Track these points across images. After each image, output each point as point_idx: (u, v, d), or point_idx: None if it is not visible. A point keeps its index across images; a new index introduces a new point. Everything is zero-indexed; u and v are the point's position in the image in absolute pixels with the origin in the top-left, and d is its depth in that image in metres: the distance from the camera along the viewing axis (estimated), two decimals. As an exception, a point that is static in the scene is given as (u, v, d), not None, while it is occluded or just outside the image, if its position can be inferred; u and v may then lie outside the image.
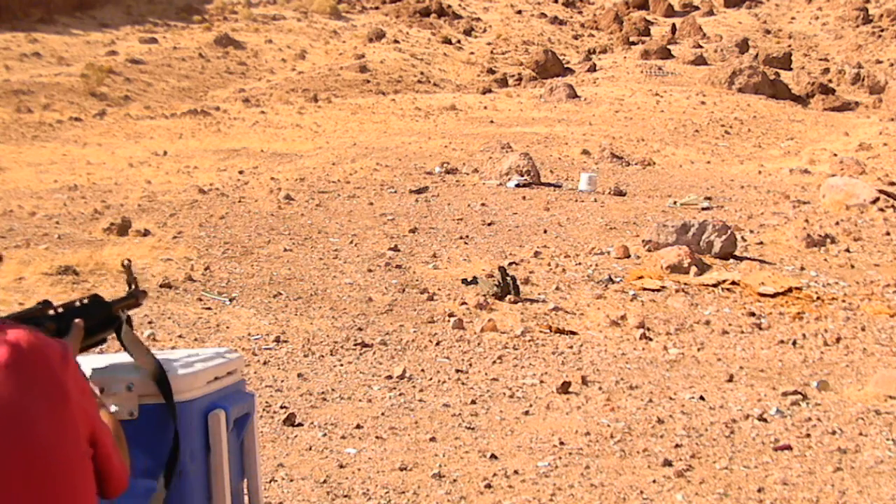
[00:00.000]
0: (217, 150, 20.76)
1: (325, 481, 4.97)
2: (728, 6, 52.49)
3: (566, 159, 20.24)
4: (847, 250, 11.98)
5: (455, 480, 5.01)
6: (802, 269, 11.13)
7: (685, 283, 10.12)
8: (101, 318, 1.79)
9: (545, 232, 12.74)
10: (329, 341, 7.81)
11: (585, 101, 30.89)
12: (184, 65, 35.73)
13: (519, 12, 51.23)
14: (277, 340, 7.74)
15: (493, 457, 5.34)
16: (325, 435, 5.66)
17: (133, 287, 1.94)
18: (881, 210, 14.09)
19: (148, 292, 2.13)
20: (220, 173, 17.23)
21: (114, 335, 1.86)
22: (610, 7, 51.23)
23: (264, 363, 7.15)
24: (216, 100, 31.50)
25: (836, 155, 21.03)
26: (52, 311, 1.68)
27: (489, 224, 13.13)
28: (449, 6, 49.79)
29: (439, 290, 9.65)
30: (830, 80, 35.31)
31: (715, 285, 10.09)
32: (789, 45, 42.61)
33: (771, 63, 37.15)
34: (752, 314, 9.16)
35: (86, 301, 1.77)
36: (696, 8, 51.89)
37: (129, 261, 2.02)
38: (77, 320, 1.69)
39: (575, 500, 4.82)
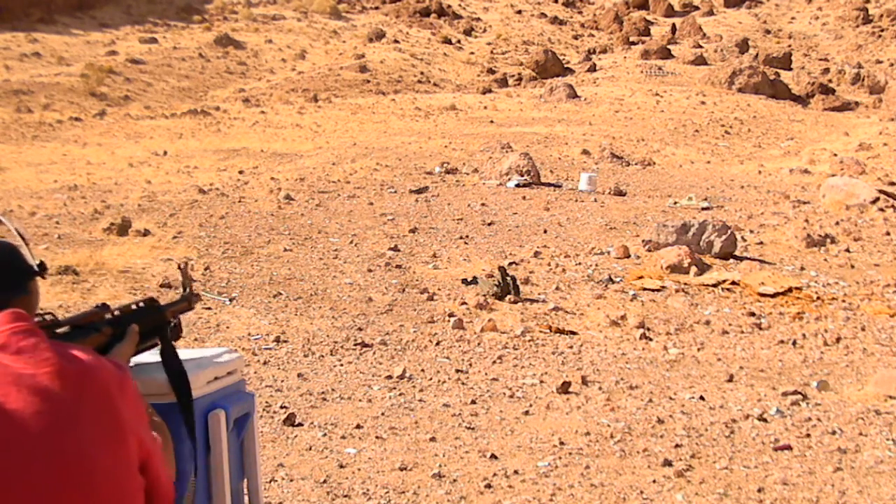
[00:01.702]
0: (217, 150, 20.76)
1: (325, 481, 4.97)
2: (728, 6, 52.50)
3: (566, 159, 20.24)
4: (847, 250, 11.98)
5: (455, 480, 5.01)
6: (802, 269, 11.13)
7: (685, 283, 10.12)
8: (155, 323, 1.80)
9: (545, 232, 12.74)
10: (329, 341, 7.81)
11: (585, 101, 30.89)
12: (184, 65, 35.73)
13: (519, 12, 51.23)
14: (277, 340, 7.74)
15: (493, 457, 5.34)
16: (325, 435, 5.66)
17: (187, 291, 1.95)
18: (881, 210, 14.09)
19: (200, 296, 2.15)
20: (220, 173, 17.23)
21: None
22: (610, 7, 51.23)
23: (264, 363, 7.15)
24: (216, 100, 31.50)
25: (836, 155, 21.03)
26: (109, 315, 1.68)
27: (489, 224, 13.13)
28: (449, 6, 49.79)
29: (439, 290, 9.66)
30: (830, 80, 35.31)
31: (715, 285, 10.09)
32: (789, 45, 42.61)
33: (771, 63, 37.14)
34: (752, 314, 9.16)
35: (142, 304, 1.79)
36: (696, 8, 51.89)
37: (187, 262, 2.03)
38: (133, 325, 1.70)
39: (575, 500, 4.82)
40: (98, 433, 1.36)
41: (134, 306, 1.77)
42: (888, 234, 12.88)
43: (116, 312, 1.71)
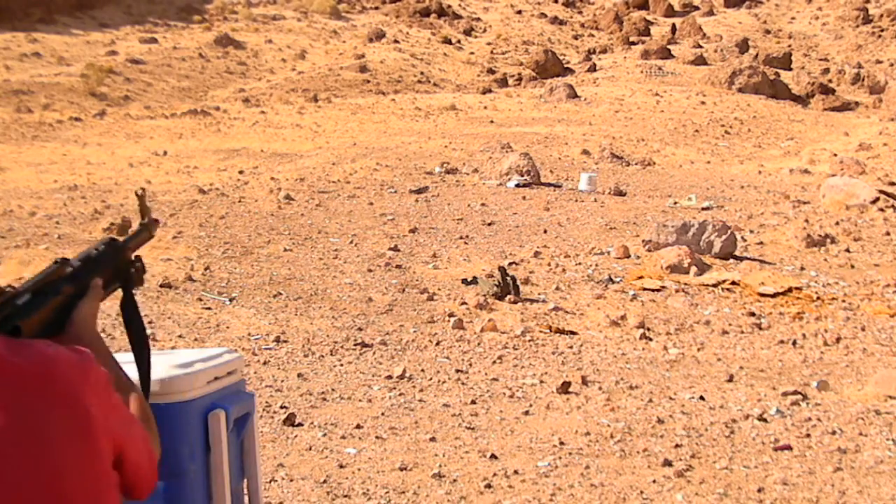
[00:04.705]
0: (217, 150, 20.75)
1: (325, 481, 4.97)
2: (728, 6, 52.47)
3: (566, 159, 20.24)
4: (847, 250, 11.98)
5: (455, 480, 5.01)
6: (802, 269, 11.13)
7: (685, 283, 10.12)
8: (118, 267, 1.66)
9: (545, 232, 12.74)
10: (329, 341, 7.81)
11: (585, 101, 30.87)
12: (184, 65, 35.72)
13: (519, 12, 51.21)
14: (277, 340, 7.74)
15: (493, 457, 5.34)
16: (325, 435, 5.66)
17: (146, 219, 1.79)
18: (881, 210, 14.09)
19: (160, 220, 1.98)
20: (220, 173, 17.23)
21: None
22: (610, 7, 51.21)
23: (264, 363, 7.15)
24: (216, 100, 31.49)
25: (836, 155, 21.02)
26: (69, 269, 1.53)
27: (489, 224, 13.13)
28: (449, 6, 49.78)
29: (439, 290, 9.66)
30: (830, 80, 35.29)
31: (715, 285, 10.09)
32: (789, 45, 42.60)
33: (771, 63, 37.12)
34: (752, 314, 9.16)
35: (102, 248, 1.63)
36: (696, 8, 51.86)
37: (144, 189, 1.85)
38: (95, 280, 1.56)
39: (575, 500, 4.82)
40: (63, 435, 1.27)
41: (94, 251, 1.61)
42: (888, 234, 12.88)
43: (77, 263, 1.56)
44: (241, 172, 17.28)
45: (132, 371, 2.10)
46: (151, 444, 1.48)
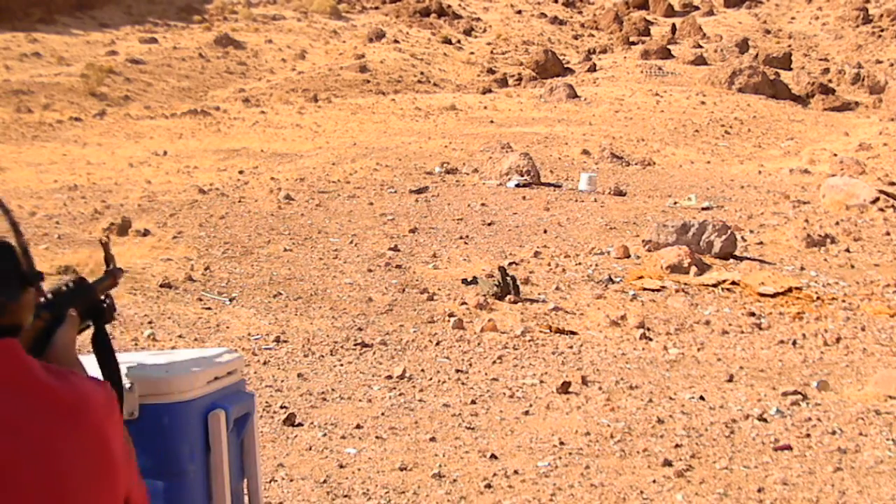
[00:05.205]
0: (217, 150, 20.75)
1: (325, 481, 4.97)
2: (728, 6, 52.46)
3: (566, 159, 20.23)
4: (847, 250, 11.98)
5: (455, 480, 5.01)
6: (802, 269, 11.13)
7: (685, 283, 10.12)
8: (88, 304, 1.71)
9: (545, 232, 12.74)
10: (329, 341, 7.81)
11: (585, 101, 30.87)
12: (184, 65, 35.72)
13: (519, 12, 51.21)
14: (277, 340, 7.74)
15: (493, 457, 5.34)
16: (325, 435, 5.66)
17: (111, 266, 1.87)
18: (881, 210, 14.09)
19: (124, 270, 2.05)
20: (220, 173, 17.23)
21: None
22: (610, 7, 51.20)
23: (264, 363, 7.15)
24: (216, 100, 31.49)
25: (836, 155, 21.02)
26: (42, 299, 1.58)
27: (489, 224, 13.13)
28: (449, 6, 49.77)
29: (439, 290, 9.66)
30: (830, 80, 35.29)
31: (715, 285, 10.09)
32: (789, 45, 42.59)
33: (771, 63, 37.11)
34: (752, 314, 9.16)
35: (72, 285, 1.69)
36: (696, 8, 51.85)
37: (108, 237, 1.95)
38: (72, 311, 1.61)
39: (575, 500, 4.82)
40: (90, 469, 1.29)
41: (65, 287, 1.67)
42: (888, 234, 12.88)
43: (49, 295, 1.61)
44: (241, 172, 17.28)
45: (134, 370, 2.11)
46: (146, 493, 1.50)
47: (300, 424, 5.83)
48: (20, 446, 1.23)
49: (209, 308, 8.60)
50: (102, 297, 1.78)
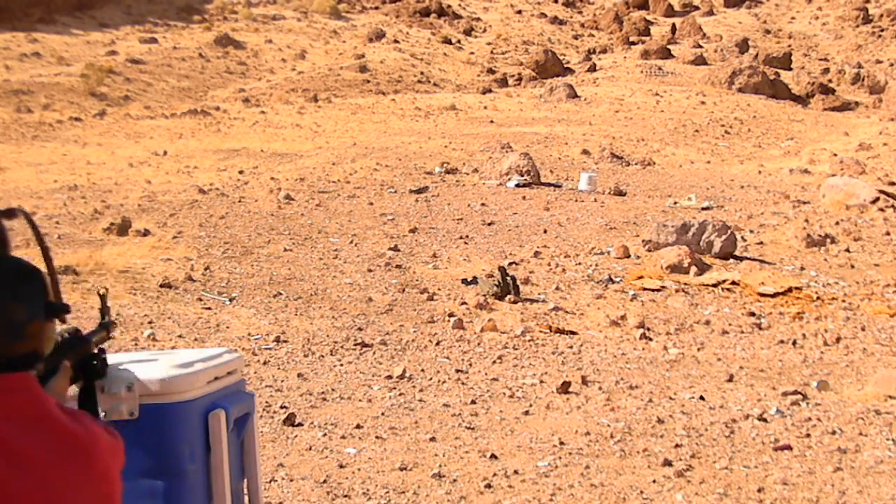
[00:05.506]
0: (217, 150, 20.75)
1: (325, 481, 4.97)
2: (728, 6, 52.46)
3: (566, 159, 20.23)
4: (847, 250, 11.98)
5: (455, 480, 5.01)
6: (802, 269, 11.13)
7: (685, 283, 10.12)
8: (80, 356, 1.74)
9: (545, 232, 12.74)
10: (329, 341, 7.81)
11: (585, 101, 30.87)
12: (184, 65, 35.72)
13: (519, 12, 51.21)
14: (277, 340, 7.74)
15: (493, 457, 5.35)
16: (325, 435, 5.66)
17: (106, 319, 1.89)
18: (881, 210, 14.09)
19: (117, 323, 2.07)
20: (220, 173, 17.23)
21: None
22: (610, 7, 51.20)
23: (264, 363, 7.15)
24: (216, 100, 31.49)
25: (836, 155, 21.01)
26: None
27: (489, 224, 13.13)
28: (449, 6, 49.77)
29: (439, 290, 9.66)
30: (830, 80, 35.29)
31: (715, 285, 10.09)
32: (789, 45, 42.59)
33: (771, 63, 37.11)
34: (752, 314, 9.16)
35: (67, 336, 1.71)
36: (696, 8, 51.85)
37: (106, 289, 1.98)
38: (66, 362, 1.63)
39: (575, 500, 4.82)
40: (86, 496, 1.31)
41: (59, 338, 1.68)
42: (888, 234, 12.88)
43: None
44: (241, 172, 17.28)
45: (134, 370, 2.11)
46: None
47: (300, 424, 5.83)
48: (34, 481, 1.25)
49: (209, 308, 8.60)
50: (96, 352, 1.80)
